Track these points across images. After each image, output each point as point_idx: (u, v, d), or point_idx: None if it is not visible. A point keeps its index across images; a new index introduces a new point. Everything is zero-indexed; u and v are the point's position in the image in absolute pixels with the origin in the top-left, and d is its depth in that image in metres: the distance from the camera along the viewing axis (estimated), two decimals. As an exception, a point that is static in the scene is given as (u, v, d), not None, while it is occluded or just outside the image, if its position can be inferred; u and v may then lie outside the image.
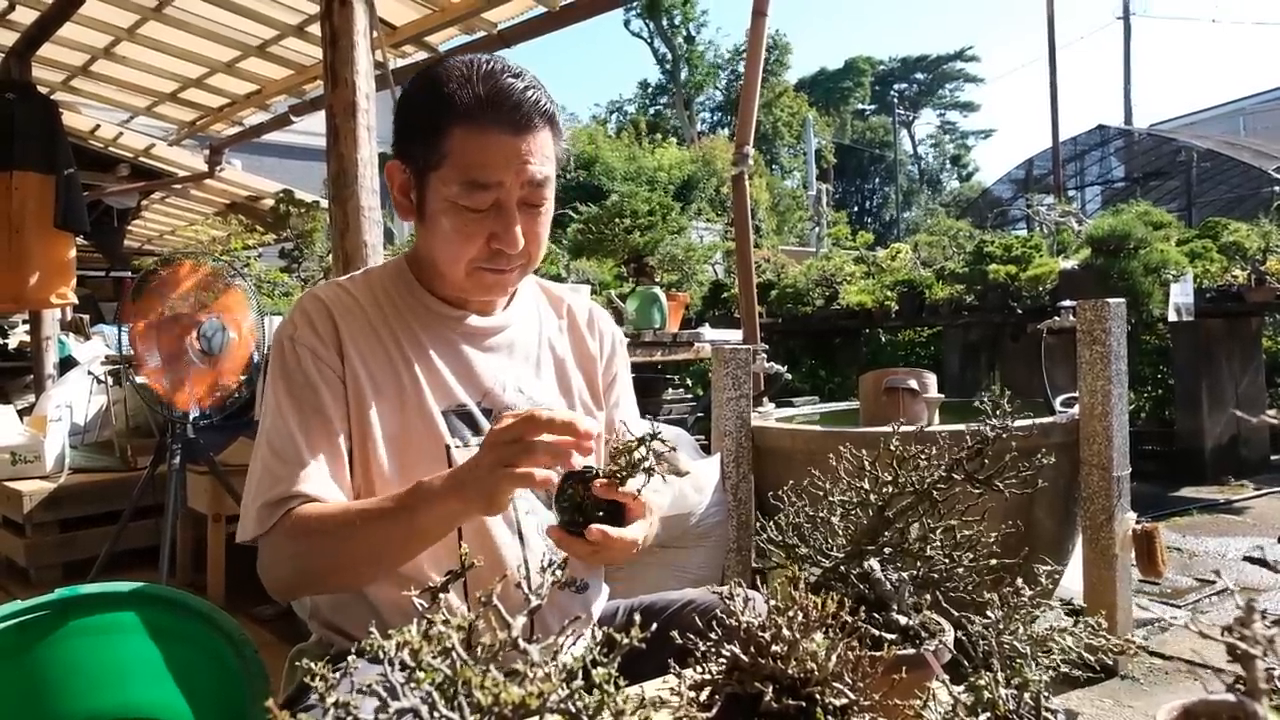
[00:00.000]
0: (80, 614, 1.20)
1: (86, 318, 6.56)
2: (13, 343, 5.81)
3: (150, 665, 1.22)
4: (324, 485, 1.05)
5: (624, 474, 0.91)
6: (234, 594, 3.17)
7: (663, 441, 0.91)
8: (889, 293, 5.91)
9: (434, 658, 0.53)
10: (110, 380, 4.02)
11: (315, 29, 3.49)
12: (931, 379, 2.88)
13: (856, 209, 37.22)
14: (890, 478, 0.94)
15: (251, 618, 2.95)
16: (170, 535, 3.03)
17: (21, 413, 4.16)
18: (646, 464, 0.90)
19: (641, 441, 0.91)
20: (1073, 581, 2.76)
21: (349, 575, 1.05)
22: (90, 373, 4.10)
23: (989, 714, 0.70)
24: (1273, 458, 5.97)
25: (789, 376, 3.56)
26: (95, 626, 1.21)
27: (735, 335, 3.73)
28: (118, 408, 3.96)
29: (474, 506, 0.94)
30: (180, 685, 1.23)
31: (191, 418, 3.09)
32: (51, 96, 4.33)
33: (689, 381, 4.67)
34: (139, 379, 3.16)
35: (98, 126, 5.36)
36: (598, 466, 0.94)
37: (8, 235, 3.78)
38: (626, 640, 0.60)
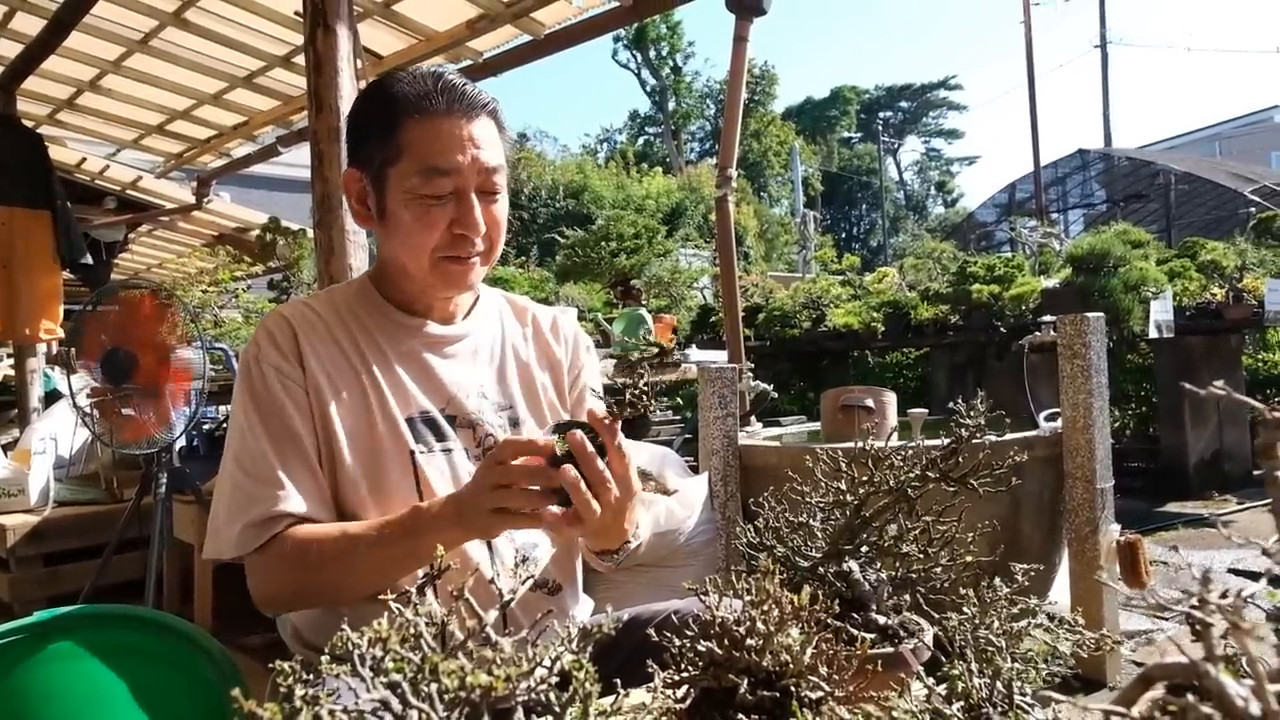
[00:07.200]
0: (61, 637, 1.19)
1: (73, 351, 6.52)
2: (-3, 376, 5.77)
3: (133, 687, 1.21)
4: (305, 504, 1.06)
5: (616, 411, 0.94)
6: (221, 624, 3.13)
7: (638, 396, 0.95)
8: (875, 314, 5.94)
9: (404, 648, 0.54)
10: (96, 413, 3.99)
11: (301, 59, 3.52)
12: (891, 397, 2.89)
13: (844, 235, 37.57)
14: (866, 477, 0.95)
15: (239, 647, 2.92)
16: (156, 566, 3.00)
17: (5, 447, 4.12)
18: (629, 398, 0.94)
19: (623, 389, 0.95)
20: (1060, 595, 2.77)
21: (348, 595, 1.07)
22: (76, 405, 4.07)
23: (962, 703, 0.71)
24: (1255, 472, 6.01)
25: (775, 395, 3.57)
26: (77, 649, 1.20)
27: (721, 356, 3.75)
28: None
29: (473, 535, 1.01)
30: (163, 707, 1.22)
31: (178, 447, 3.08)
32: (37, 130, 4.35)
33: (679, 401, 4.68)
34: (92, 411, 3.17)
35: (84, 159, 5.37)
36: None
37: (-4, 270, 3.79)
38: (597, 631, 0.61)
